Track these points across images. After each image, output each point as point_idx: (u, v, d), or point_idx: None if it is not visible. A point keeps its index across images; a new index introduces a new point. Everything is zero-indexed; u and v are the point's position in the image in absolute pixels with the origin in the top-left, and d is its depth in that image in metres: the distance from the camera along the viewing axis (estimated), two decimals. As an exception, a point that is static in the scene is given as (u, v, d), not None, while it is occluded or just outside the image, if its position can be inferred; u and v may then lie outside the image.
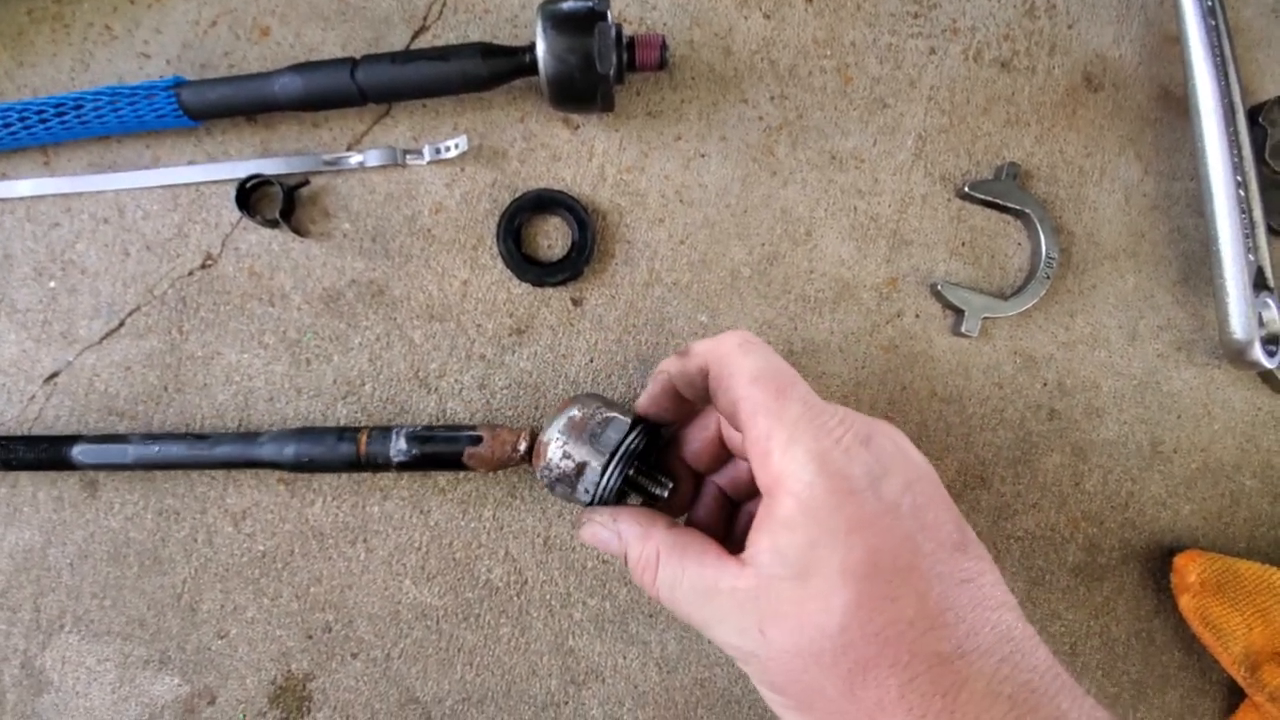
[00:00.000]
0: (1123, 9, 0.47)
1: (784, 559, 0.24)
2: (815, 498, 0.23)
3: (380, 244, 0.44)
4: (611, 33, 0.38)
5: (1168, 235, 0.46)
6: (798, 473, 0.24)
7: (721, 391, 0.28)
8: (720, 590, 0.25)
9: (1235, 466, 0.47)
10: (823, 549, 0.23)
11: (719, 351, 0.28)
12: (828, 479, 0.24)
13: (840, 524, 0.23)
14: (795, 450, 0.24)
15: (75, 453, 0.39)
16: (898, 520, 0.23)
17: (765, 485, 0.25)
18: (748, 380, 0.26)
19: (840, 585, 0.23)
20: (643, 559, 0.28)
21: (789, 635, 0.23)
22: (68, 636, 0.43)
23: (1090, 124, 0.46)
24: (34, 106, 0.42)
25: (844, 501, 0.23)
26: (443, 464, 0.39)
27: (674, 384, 0.31)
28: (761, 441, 0.25)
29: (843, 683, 0.22)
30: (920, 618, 0.22)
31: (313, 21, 0.44)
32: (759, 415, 0.26)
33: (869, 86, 0.45)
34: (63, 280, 0.43)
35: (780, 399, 0.25)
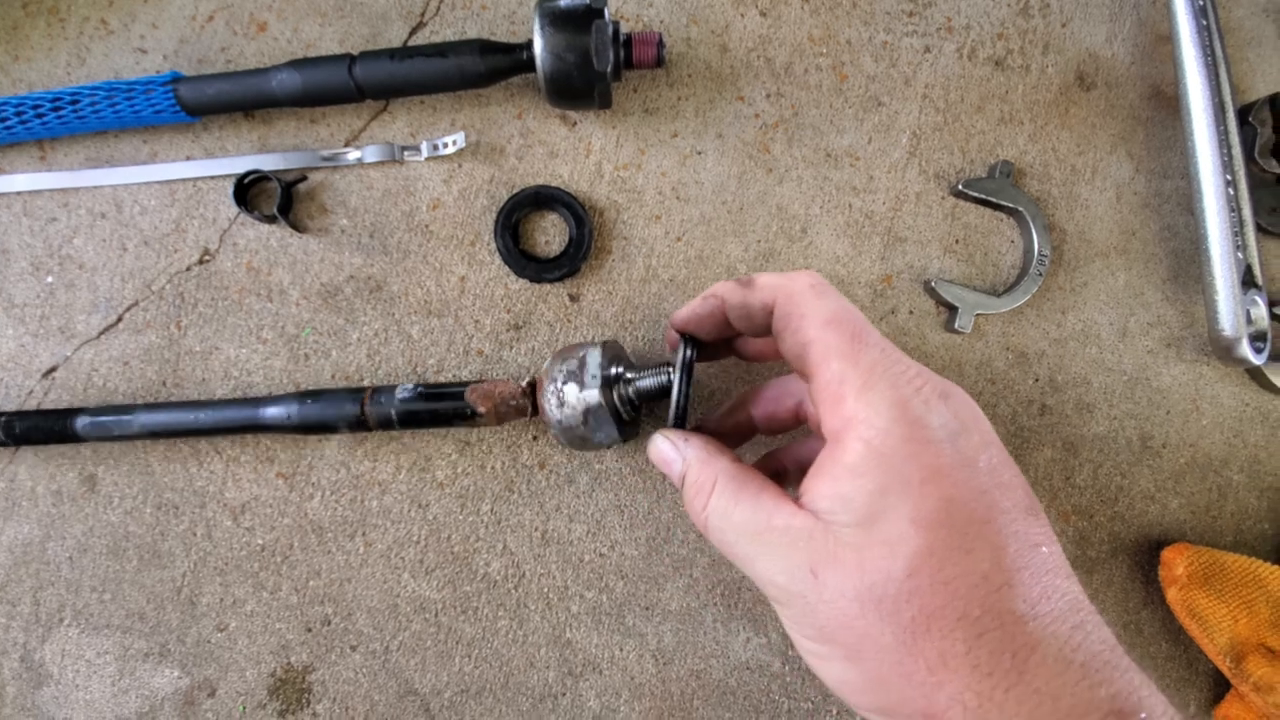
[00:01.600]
0: (1115, 8, 0.47)
1: (848, 503, 0.23)
2: (889, 444, 0.23)
3: (378, 240, 0.44)
4: (609, 30, 0.38)
5: (1158, 233, 0.47)
6: (872, 418, 0.23)
7: (790, 331, 0.27)
8: (772, 527, 0.24)
9: (1223, 461, 0.47)
10: (894, 496, 0.22)
11: (790, 289, 0.27)
12: (905, 426, 0.23)
13: (914, 472, 0.22)
14: (871, 395, 0.23)
15: (79, 424, 0.40)
16: (974, 475, 0.23)
17: (832, 430, 0.24)
18: (821, 322, 0.26)
19: (911, 532, 0.22)
20: (699, 482, 0.28)
21: (846, 578, 0.22)
22: (67, 630, 0.43)
23: (1083, 122, 0.47)
24: (30, 101, 0.42)
25: (920, 450, 0.22)
26: (445, 419, 0.39)
27: (725, 310, 0.31)
28: (833, 385, 0.24)
29: (904, 631, 0.21)
30: (995, 573, 0.21)
31: (310, 17, 0.44)
32: (832, 358, 0.25)
33: (864, 84, 0.46)
34: (60, 275, 0.43)
35: (856, 343, 0.25)
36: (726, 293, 0.30)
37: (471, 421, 0.38)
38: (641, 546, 0.44)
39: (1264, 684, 0.43)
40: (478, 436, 0.44)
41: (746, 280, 0.29)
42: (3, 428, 0.40)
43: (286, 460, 0.43)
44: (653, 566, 0.44)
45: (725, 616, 0.44)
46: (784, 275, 0.28)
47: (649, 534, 0.44)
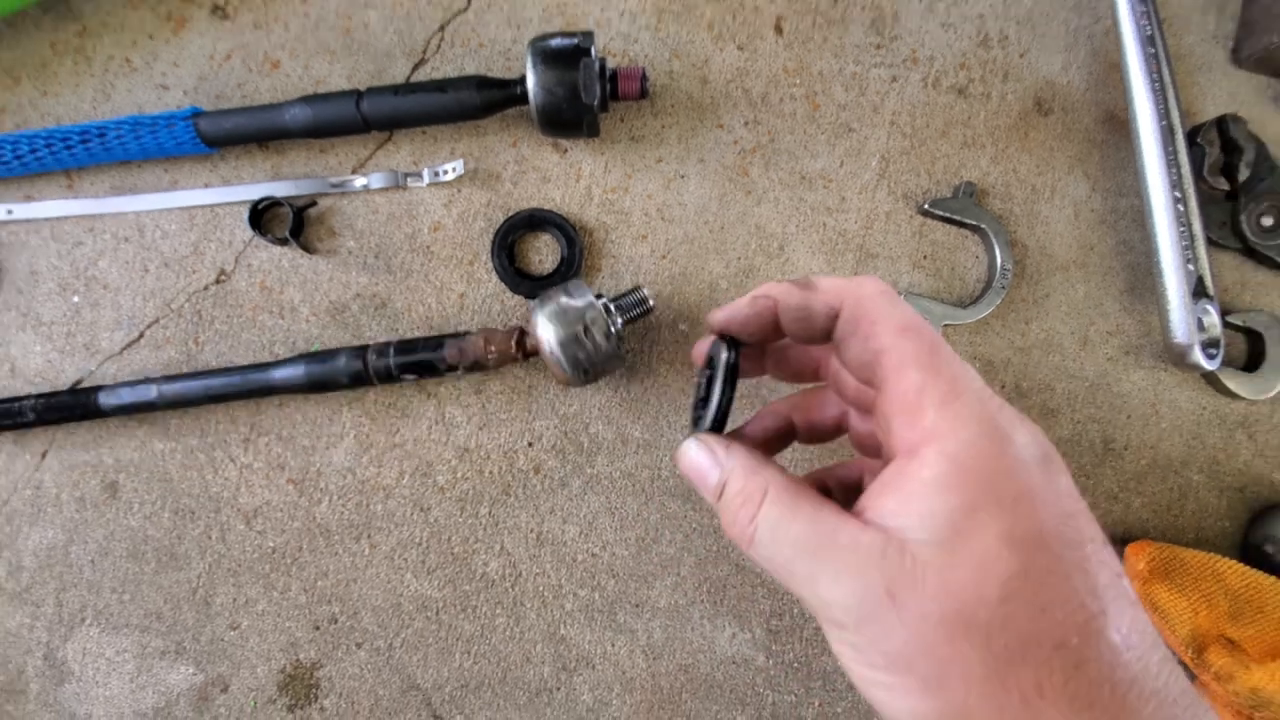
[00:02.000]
0: (1070, 39, 0.51)
1: (926, 520, 0.21)
2: (977, 460, 0.21)
3: (383, 260, 0.47)
4: (595, 66, 0.42)
5: (1114, 248, 0.50)
6: (958, 431, 0.22)
7: (859, 338, 0.25)
8: (838, 544, 0.22)
9: (1183, 462, 0.50)
10: (984, 514, 0.21)
11: (859, 293, 0.25)
12: (994, 443, 0.21)
13: (1006, 490, 0.21)
14: (956, 408, 0.22)
15: (101, 399, 0.43)
16: (1060, 499, 0.22)
17: (907, 443, 0.23)
18: (896, 330, 0.24)
19: (1006, 553, 0.20)
20: (745, 492, 0.25)
21: (931, 600, 0.20)
22: (88, 629, 0.45)
23: (1041, 145, 0.50)
24: (60, 134, 0.45)
25: (1010, 467, 0.21)
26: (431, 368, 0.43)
27: (777, 312, 0.28)
28: (911, 394, 0.23)
29: (997, 660, 0.20)
30: (1091, 600, 0.20)
31: (320, 55, 0.47)
32: (910, 368, 0.23)
33: (835, 112, 0.49)
34: (86, 295, 0.46)
35: (935, 355, 0.23)
36: (782, 294, 0.28)
37: (464, 360, 0.42)
38: (631, 546, 0.46)
39: (1224, 673, 0.45)
40: (476, 443, 0.46)
41: (805, 282, 0.27)
42: (32, 409, 0.43)
43: (296, 467, 0.46)
44: (642, 565, 0.46)
45: (711, 613, 0.47)
46: (848, 279, 0.26)
47: (638, 534, 0.47)
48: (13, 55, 0.47)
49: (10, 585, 0.46)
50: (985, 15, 0.50)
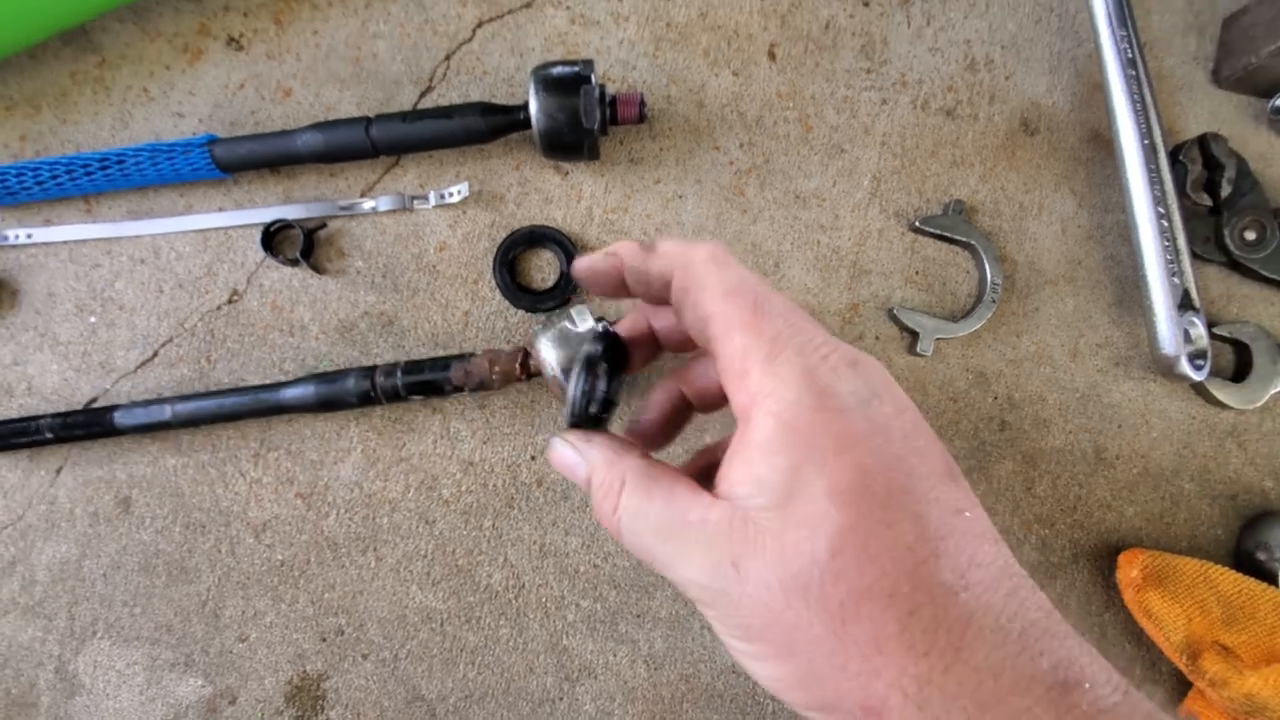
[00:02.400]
0: (1054, 62, 0.53)
1: (763, 484, 0.21)
2: (800, 416, 0.21)
3: (390, 279, 0.48)
4: (595, 93, 0.43)
5: (1102, 262, 0.51)
6: (780, 390, 0.21)
7: (689, 306, 0.25)
8: (689, 523, 0.22)
9: (1174, 471, 0.51)
10: (808, 470, 0.21)
11: (688, 259, 0.25)
12: (814, 396, 0.21)
13: (828, 443, 0.21)
14: (776, 367, 0.22)
15: (117, 418, 0.44)
16: (889, 441, 0.21)
17: (741, 407, 0.23)
18: (720, 295, 0.24)
19: (829, 508, 0.20)
20: (606, 484, 0.25)
21: (769, 567, 0.20)
22: (99, 642, 0.46)
23: (1028, 164, 0.52)
24: (80, 160, 0.47)
25: (831, 420, 0.21)
26: (437, 388, 0.44)
27: (623, 274, 0.28)
28: (737, 359, 0.23)
29: (833, 618, 0.20)
30: (920, 543, 0.20)
31: (330, 83, 0.49)
32: (734, 331, 0.23)
33: (828, 134, 0.51)
34: (102, 315, 0.48)
35: (758, 314, 0.23)
36: (627, 254, 0.27)
37: (470, 381, 0.43)
38: (632, 557, 0.47)
39: (1219, 679, 0.46)
40: (480, 457, 0.48)
41: (649, 245, 0.27)
42: (49, 427, 0.44)
43: (305, 481, 0.47)
44: (643, 576, 0.47)
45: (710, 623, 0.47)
46: (685, 244, 0.26)
47: (639, 546, 0.47)
48: (34, 85, 0.49)
49: (24, 599, 0.47)
50: (971, 40, 0.52)
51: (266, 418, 0.47)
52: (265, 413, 0.45)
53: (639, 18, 0.50)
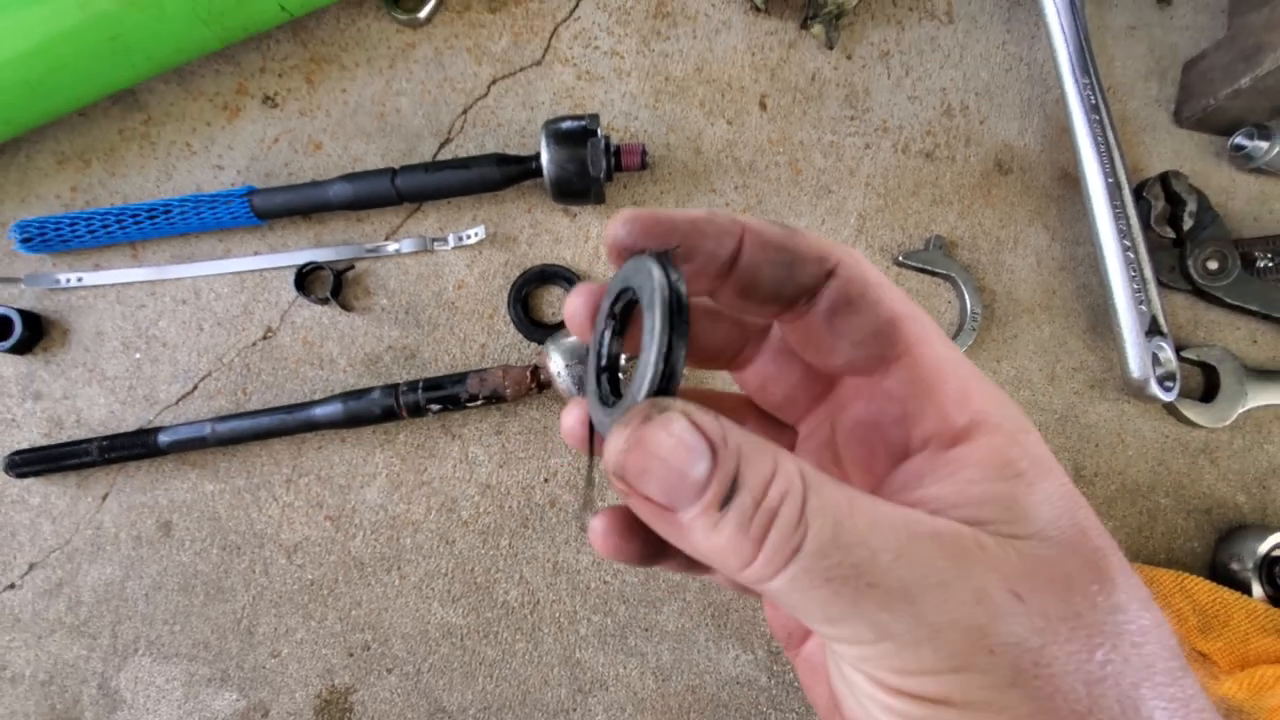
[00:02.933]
0: (1024, 107, 0.57)
1: (1020, 509, 0.17)
2: (1034, 444, 0.18)
3: (412, 316, 0.52)
4: (601, 144, 0.47)
5: (1075, 291, 0.55)
6: (1007, 410, 0.19)
7: (868, 303, 0.20)
8: (920, 535, 0.16)
9: (1150, 487, 0.54)
10: (1083, 508, 0.18)
11: (853, 253, 0.20)
12: (1023, 418, 0.19)
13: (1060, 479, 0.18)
14: (988, 387, 0.19)
15: (161, 439, 0.47)
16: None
17: (951, 426, 0.19)
18: (906, 299, 0.20)
19: (1112, 549, 0.17)
20: (786, 473, 0.16)
21: (1058, 601, 0.16)
22: (140, 659, 0.49)
23: (1003, 201, 0.55)
24: (129, 210, 0.51)
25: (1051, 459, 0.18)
26: (454, 399, 0.48)
27: (742, 245, 0.19)
28: (948, 370, 0.19)
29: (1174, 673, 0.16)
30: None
31: (357, 137, 0.53)
32: (935, 341, 0.20)
33: (816, 176, 0.55)
34: (146, 352, 0.52)
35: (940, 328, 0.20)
36: (760, 226, 0.20)
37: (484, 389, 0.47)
38: (640, 573, 0.50)
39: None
40: (497, 480, 0.51)
41: (787, 227, 0.20)
42: (96, 449, 0.48)
43: (334, 504, 0.50)
44: (650, 591, 0.50)
45: (716, 636, 0.50)
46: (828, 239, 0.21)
47: (646, 563, 0.51)
48: (85, 141, 0.54)
49: (69, 619, 0.50)
50: (947, 89, 0.56)
51: (299, 442, 0.50)
52: (298, 429, 0.48)
53: (640, 73, 0.55)
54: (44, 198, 0.53)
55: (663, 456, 0.16)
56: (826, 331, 0.20)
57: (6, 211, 0.52)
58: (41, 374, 0.51)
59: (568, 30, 0.55)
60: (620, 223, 0.19)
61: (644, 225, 0.19)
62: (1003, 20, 0.58)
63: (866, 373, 0.21)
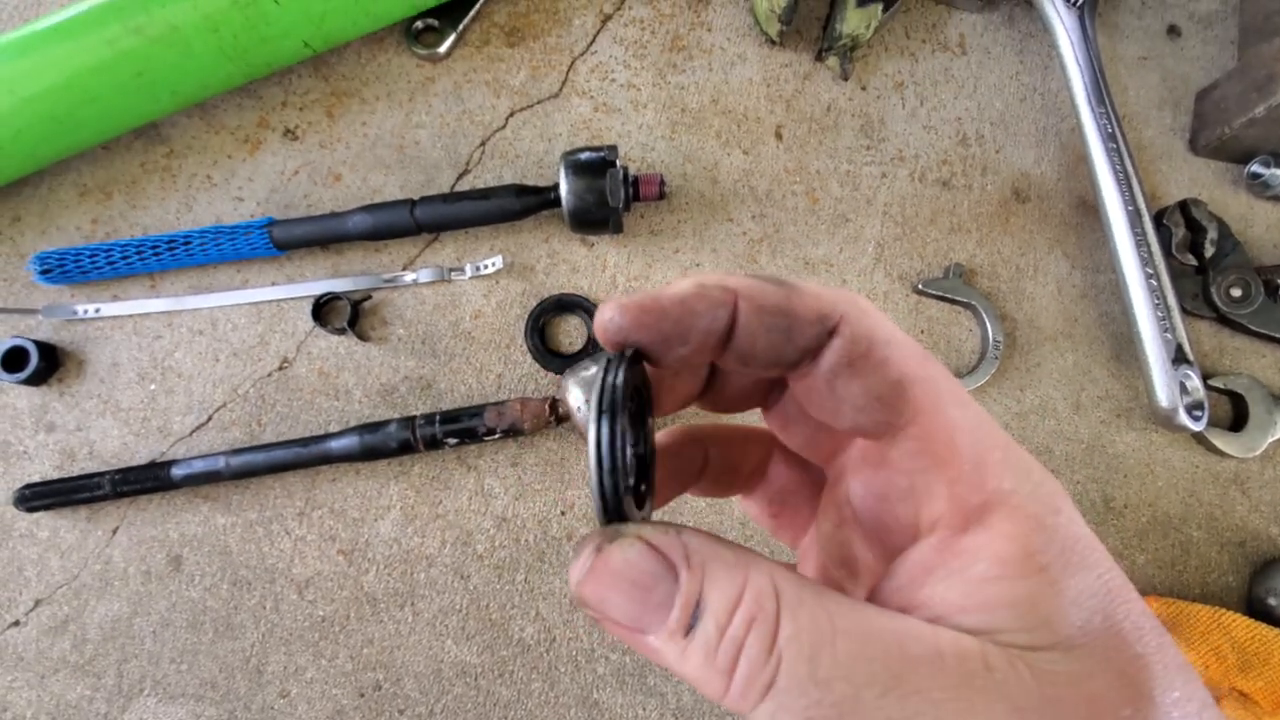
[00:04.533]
0: (1040, 136, 0.57)
1: (1040, 615, 0.15)
2: (1065, 526, 0.16)
3: (429, 346, 0.52)
4: (620, 175, 0.48)
5: (1097, 319, 0.54)
6: (1037, 489, 0.16)
7: (872, 363, 0.17)
8: (913, 659, 0.14)
9: (1182, 519, 0.52)
10: (1123, 603, 0.15)
11: (859, 305, 0.18)
12: (1069, 504, 0.16)
13: (1101, 560, 0.16)
14: (1013, 456, 0.17)
15: (174, 473, 0.47)
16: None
17: (965, 507, 0.16)
18: (919, 355, 0.17)
19: (1158, 652, 0.15)
20: (753, 596, 0.15)
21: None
22: (146, 700, 0.48)
23: (1022, 229, 0.55)
24: (150, 242, 0.51)
25: (1089, 536, 0.16)
26: (472, 433, 0.47)
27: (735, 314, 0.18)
28: (962, 441, 0.16)
29: None
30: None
31: (376, 169, 0.54)
32: (951, 406, 0.17)
33: (833, 205, 0.55)
34: (161, 383, 0.51)
35: (965, 391, 0.18)
36: (750, 289, 0.18)
37: (502, 423, 0.47)
38: (659, 610, 0.49)
39: (1241, 728, 0.46)
40: (513, 513, 0.50)
41: (778, 279, 0.18)
42: (108, 483, 0.47)
43: (346, 538, 0.49)
44: (670, 628, 0.49)
45: (737, 675, 0.48)
46: (832, 289, 0.18)
47: (666, 598, 0.49)
48: (107, 173, 0.54)
49: (74, 658, 0.49)
50: (962, 118, 0.56)
51: (312, 474, 0.50)
52: (313, 463, 0.47)
53: (656, 105, 0.55)
54: (65, 229, 0.53)
55: (619, 584, 0.15)
56: (828, 394, 0.18)
57: (27, 243, 0.53)
58: (55, 405, 0.51)
59: (585, 64, 0.56)
60: (610, 310, 0.18)
61: (633, 316, 0.17)
62: (1015, 51, 0.58)
63: (875, 437, 0.18)
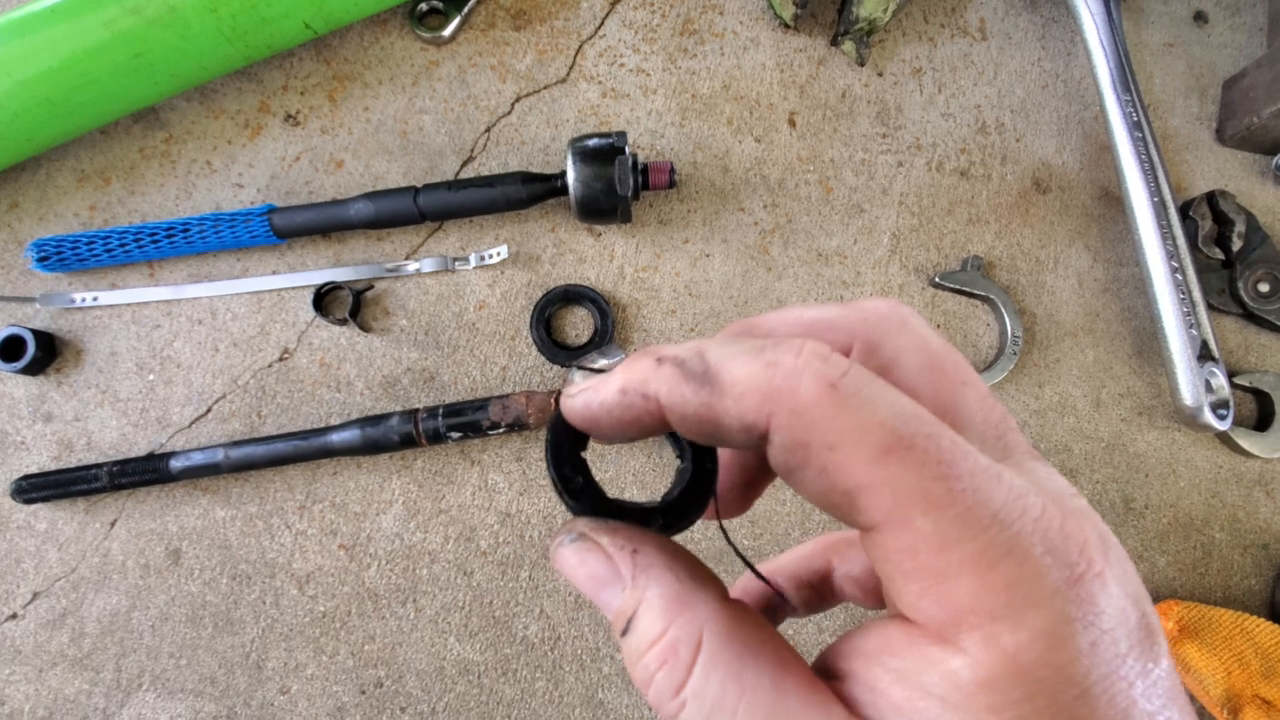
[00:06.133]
0: (1062, 124, 0.55)
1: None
2: (1047, 654, 0.14)
3: (432, 337, 0.51)
4: (629, 162, 0.46)
5: (1119, 314, 0.53)
6: (1017, 610, 0.14)
7: (814, 472, 0.15)
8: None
9: (1204, 520, 0.51)
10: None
11: (793, 400, 0.15)
12: (1069, 624, 0.14)
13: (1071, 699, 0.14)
14: (1005, 569, 0.14)
15: (173, 465, 0.46)
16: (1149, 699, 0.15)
17: (931, 620, 0.15)
18: (875, 454, 0.14)
19: None
20: (668, 641, 0.15)
21: None
22: (145, 695, 0.47)
23: (1042, 220, 0.54)
24: (148, 229, 0.50)
25: (1088, 668, 0.14)
26: (476, 427, 0.46)
27: (658, 419, 0.17)
28: (924, 554, 0.14)
29: None
30: None
31: (379, 155, 0.53)
32: (915, 513, 0.14)
33: (847, 195, 0.53)
34: (160, 373, 0.50)
35: (951, 480, 0.14)
36: (669, 394, 0.16)
37: (507, 417, 0.45)
38: (666, 609, 0.48)
39: (1264, 736, 0.45)
40: (517, 508, 0.49)
41: (701, 371, 0.16)
42: (107, 475, 0.46)
43: (348, 533, 0.48)
44: (677, 628, 0.48)
45: (746, 675, 0.47)
46: (770, 356, 0.15)
47: (673, 597, 0.48)
48: (105, 159, 0.53)
49: (72, 652, 0.48)
50: (981, 105, 0.55)
51: (313, 467, 0.49)
52: (314, 456, 0.46)
53: (666, 90, 0.54)
54: (62, 216, 0.52)
55: (576, 572, 0.17)
56: (788, 483, 0.16)
57: (24, 230, 0.52)
58: (53, 395, 0.50)
59: (593, 48, 0.54)
60: (568, 413, 0.18)
61: (578, 420, 0.18)
62: (1037, 37, 0.56)
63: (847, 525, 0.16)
